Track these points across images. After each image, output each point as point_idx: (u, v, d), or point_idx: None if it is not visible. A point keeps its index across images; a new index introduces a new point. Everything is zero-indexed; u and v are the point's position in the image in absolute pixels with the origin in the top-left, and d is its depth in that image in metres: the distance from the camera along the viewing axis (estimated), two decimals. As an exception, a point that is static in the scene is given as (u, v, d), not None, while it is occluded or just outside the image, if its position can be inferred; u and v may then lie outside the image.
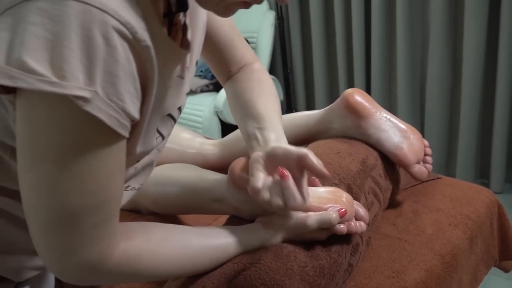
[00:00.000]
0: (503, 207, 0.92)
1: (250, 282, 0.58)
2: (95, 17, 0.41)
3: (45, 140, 0.43)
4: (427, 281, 0.69)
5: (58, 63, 0.40)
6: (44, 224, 0.46)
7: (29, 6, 0.40)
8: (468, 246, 0.80)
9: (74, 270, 0.49)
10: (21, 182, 0.46)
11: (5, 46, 0.40)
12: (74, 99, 0.40)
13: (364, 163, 0.82)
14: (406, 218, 0.84)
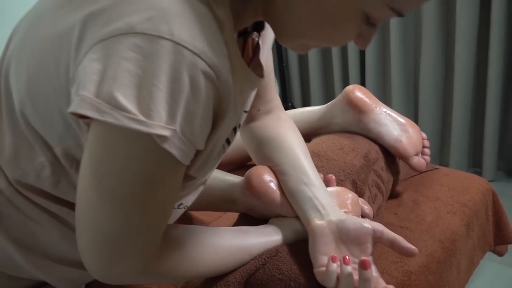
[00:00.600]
0: (497, 195, 0.96)
1: (269, 273, 0.62)
2: (186, 58, 0.41)
3: (118, 166, 0.44)
4: (428, 265, 0.73)
5: (146, 101, 0.40)
6: (99, 237, 0.47)
7: (124, 41, 0.40)
8: (465, 232, 0.83)
9: (116, 277, 0.51)
10: (81, 197, 0.47)
11: (97, 78, 0.40)
12: (155, 137, 0.41)
13: (367, 157, 0.86)
14: (406, 207, 0.88)
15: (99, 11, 0.42)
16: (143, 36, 0.40)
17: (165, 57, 0.40)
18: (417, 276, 0.71)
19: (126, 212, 0.46)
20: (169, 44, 0.40)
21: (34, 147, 0.51)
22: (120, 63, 0.40)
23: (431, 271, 0.73)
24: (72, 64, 0.43)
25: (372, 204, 0.80)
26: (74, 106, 0.41)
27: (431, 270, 0.73)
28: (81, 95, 0.41)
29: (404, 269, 0.71)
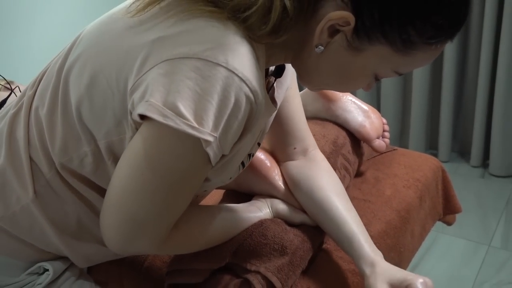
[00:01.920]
0: (446, 172, 1.10)
1: (256, 240, 0.72)
2: (235, 83, 0.50)
3: (164, 161, 0.52)
4: (387, 231, 0.86)
5: (200, 112, 0.49)
6: (127, 217, 0.54)
7: (187, 62, 0.49)
8: (418, 203, 0.96)
9: (132, 250, 0.59)
10: (118, 182, 0.54)
11: (163, 89, 0.49)
12: (202, 141, 0.50)
13: (335, 143, 0.96)
14: (369, 184, 1.00)
15: (168, 37, 0.51)
16: (204, 62, 0.49)
17: (219, 80, 0.49)
18: (377, 240, 0.83)
19: (157, 200, 0.54)
20: (224, 70, 0.49)
21: (82, 138, 0.59)
22: (183, 80, 0.48)
23: (389, 235, 0.86)
24: (135, 76, 0.52)
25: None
26: (143, 109, 0.49)
27: (389, 235, 0.86)
28: (150, 101, 0.49)
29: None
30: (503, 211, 1.92)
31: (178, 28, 0.51)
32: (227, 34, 0.51)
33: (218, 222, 0.71)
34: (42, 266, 0.67)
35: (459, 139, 2.35)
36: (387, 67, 0.58)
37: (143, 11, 0.54)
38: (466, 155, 2.35)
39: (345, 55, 0.57)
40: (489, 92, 2.08)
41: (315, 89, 0.69)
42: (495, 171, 2.15)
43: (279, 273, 0.68)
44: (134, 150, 0.53)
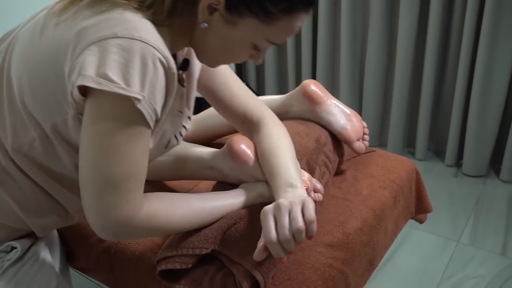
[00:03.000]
0: (420, 174, 1.17)
1: (240, 231, 0.77)
2: (150, 51, 0.61)
3: (106, 124, 0.61)
4: (362, 228, 0.92)
5: (127, 76, 0.60)
6: (94, 188, 0.63)
7: (110, 41, 0.60)
8: (392, 203, 1.03)
9: (111, 225, 0.66)
10: (84, 152, 0.64)
11: (94, 64, 0.59)
12: (132, 99, 0.60)
13: (318, 141, 1.01)
14: (348, 183, 1.06)
15: (89, 27, 0.62)
16: (123, 39, 0.60)
17: (137, 50, 0.60)
18: (354, 237, 0.90)
19: (112, 163, 0.63)
20: (139, 43, 0.60)
21: (28, 125, 0.68)
22: (109, 55, 0.59)
23: (364, 232, 0.92)
24: (69, 61, 0.62)
25: (321, 179, 0.97)
26: (80, 81, 0.59)
27: (364, 232, 0.92)
28: (84, 75, 0.59)
29: (344, 231, 0.90)
30: (473, 209, 2.02)
31: (97, 19, 0.63)
32: (138, 19, 0.63)
33: (194, 201, 0.78)
34: (10, 245, 0.76)
35: (435, 139, 2.44)
36: (260, 37, 0.70)
37: (64, 11, 0.65)
38: (441, 155, 2.44)
39: (224, 29, 0.69)
40: (465, 96, 2.16)
41: (212, 64, 0.78)
42: (468, 171, 2.25)
43: (261, 267, 0.73)
44: (84, 131, 0.63)
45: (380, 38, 2.31)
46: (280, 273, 0.79)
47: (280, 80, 2.90)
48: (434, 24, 2.10)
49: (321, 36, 2.46)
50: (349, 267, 0.85)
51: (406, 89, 2.31)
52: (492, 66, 2.02)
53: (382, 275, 1.67)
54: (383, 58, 2.37)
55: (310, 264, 0.81)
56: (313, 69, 2.63)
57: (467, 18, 2.00)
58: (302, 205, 0.69)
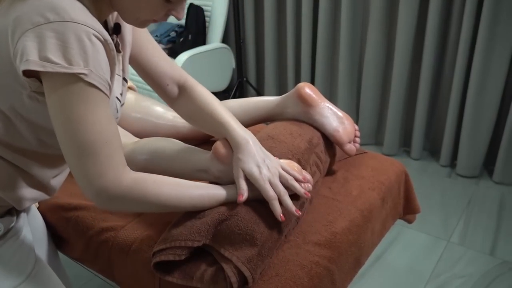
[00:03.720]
0: (409, 175, 1.21)
1: (231, 228, 0.80)
2: (83, 29, 0.66)
3: (63, 101, 0.67)
4: (350, 228, 0.96)
5: (67, 56, 0.64)
6: (75, 157, 0.69)
7: (45, 27, 0.64)
8: (380, 204, 1.07)
9: (101, 192, 0.70)
10: (56, 131, 0.69)
11: (35, 50, 0.64)
12: (79, 75, 0.65)
13: (310, 142, 1.04)
14: (338, 183, 1.09)
15: (22, 14, 0.66)
16: (56, 23, 0.64)
17: (71, 31, 0.65)
18: (341, 236, 0.93)
19: (82, 132, 0.68)
20: (71, 24, 0.65)
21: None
22: (46, 39, 0.64)
23: (352, 232, 0.96)
24: (11, 47, 0.66)
25: (312, 178, 1.00)
26: (25, 66, 0.64)
27: (351, 232, 0.96)
28: (28, 60, 0.64)
29: (332, 231, 0.94)
30: (465, 209, 2.06)
31: (29, 6, 0.66)
32: (64, 1, 0.67)
33: (181, 182, 0.81)
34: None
35: (431, 139, 2.48)
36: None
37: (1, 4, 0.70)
38: (436, 155, 2.48)
39: None
40: (461, 98, 2.20)
41: (136, 23, 0.79)
42: (462, 172, 2.29)
43: (249, 263, 0.77)
44: (48, 102, 0.68)
45: (378, 39, 2.34)
46: (268, 270, 0.83)
47: (279, 79, 2.93)
48: (432, 26, 2.13)
49: (321, 36, 2.49)
50: (335, 265, 0.88)
51: (403, 90, 2.34)
52: (487, 69, 2.05)
53: (372, 272, 1.71)
54: (381, 58, 2.40)
55: (297, 262, 0.85)
56: (312, 68, 2.67)
57: (465, 22, 2.03)
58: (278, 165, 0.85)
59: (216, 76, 2.82)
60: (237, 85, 2.87)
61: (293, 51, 2.71)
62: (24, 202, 0.86)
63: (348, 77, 2.51)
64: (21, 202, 0.86)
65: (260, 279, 0.81)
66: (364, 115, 2.54)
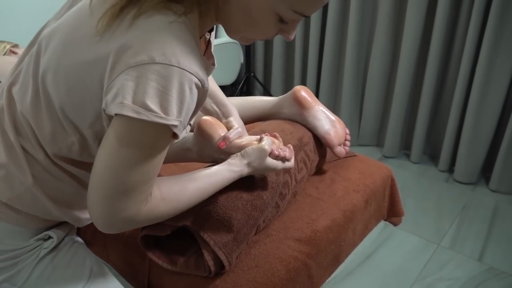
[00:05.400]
0: (395, 180, 1.25)
1: (210, 215, 0.85)
2: (187, 77, 0.62)
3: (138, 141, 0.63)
4: (331, 227, 1.01)
5: (165, 105, 0.61)
6: (108, 191, 0.64)
7: (148, 67, 0.60)
8: (363, 206, 1.12)
9: (116, 224, 0.68)
10: (99, 159, 0.65)
11: (132, 91, 0.60)
12: (170, 126, 0.63)
13: (301, 140, 1.09)
14: (325, 184, 1.14)
15: (128, 45, 0.62)
16: (161, 65, 0.60)
17: (175, 77, 0.61)
18: (321, 234, 0.99)
19: (137, 173, 0.65)
20: (177, 69, 0.61)
21: (67, 131, 0.71)
22: (147, 82, 0.60)
23: (332, 231, 1.01)
24: (107, 80, 0.63)
25: (297, 174, 1.05)
26: (118, 109, 0.61)
27: (332, 230, 1.01)
28: (123, 103, 0.60)
29: (313, 228, 0.99)
30: (458, 215, 2.10)
31: (130, 32, 0.62)
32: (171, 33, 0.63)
33: (187, 184, 0.78)
34: (48, 234, 0.81)
35: (431, 143, 2.52)
36: (283, 6, 0.66)
37: (108, 27, 0.64)
38: (435, 159, 2.51)
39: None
40: (463, 105, 2.22)
41: (241, 39, 0.76)
42: (459, 178, 2.32)
43: (225, 248, 0.83)
44: (111, 138, 0.64)
45: (385, 43, 2.37)
46: (249, 261, 0.90)
47: (286, 76, 2.96)
48: (438, 33, 2.16)
49: (328, 36, 2.52)
50: (313, 261, 0.94)
51: (407, 93, 2.37)
52: (490, 78, 2.07)
53: (360, 270, 1.77)
54: (387, 61, 2.43)
55: (277, 255, 0.91)
56: (319, 67, 2.70)
57: (470, 31, 2.06)
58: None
59: (224, 69, 2.87)
60: (244, 80, 2.92)
61: (300, 49, 2.75)
62: (82, 221, 0.86)
63: (353, 77, 2.54)
64: (80, 221, 0.85)
65: (240, 269, 0.88)
66: (367, 116, 2.58)
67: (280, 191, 0.98)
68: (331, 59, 2.57)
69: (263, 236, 0.97)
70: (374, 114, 2.56)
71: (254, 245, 0.94)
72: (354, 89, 2.57)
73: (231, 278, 0.86)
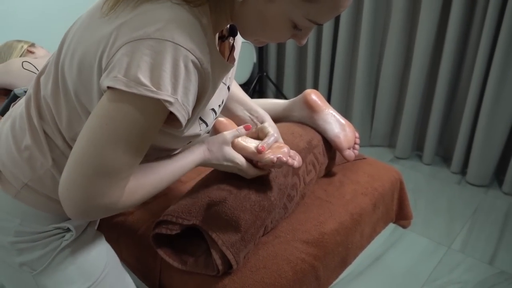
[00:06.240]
0: (404, 183, 1.26)
1: (219, 215, 0.87)
2: (181, 53, 0.61)
3: (132, 121, 0.62)
4: (338, 229, 1.02)
5: (157, 79, 0.60)
6: (88, 170, 0.63)
7: (143, 42, 0.61)
8: (371, 209, 1.13)
9: (93, 210, 0.66)
10: (83, 135, 0.63)
11: (125, 65, 0.60)
12: (164, 102, 0.61)
13: (310, 143, 1.11)
14: (334, 186, 1.16)
15: (125, 22, 0.63)
16: (155, 40, 0.60)
17: (169, 53, 0.60)
18: (329, 236, 1.00)
19: (122, 153, 0.63)
20: (171, 44, 0.61)
21: (81, 116, 0.73)
22: (141, 56, 0.60)
23: (340, 233, 1.02)
24: (107, 57, 0.64)
25: (306, 176, 1.06)
26: (110, 82, 0.61)
27: (339, 233, 1.02)
28: (116, 76, 0.60)
29: (320, 231, 1.01)
30: (470, 217, 2.09)
31: (133, 13, 0.64)
32: (173, 12, 0.63)
33: (160, 170, 0.78)
34: (68, 226, 0.84)
35: (444, 145, 2.51)
36: (299, 14, 0.67)
37: (113, 9, 0.66)
38: (448, 161, 2.50)
39: (261, 3, 0.67)
40: (476, 107, 2.21)
41: (255, 41, 0.76)
42: (471, 180, 2.31)
43: (232, 248, 0.86)
44: (99, 112, 0.64)
45: (398, 43, 2.37)
46: (257, 262, 0.92)
47: (299, 76, 2.97)
48: (452, 33, 2.15)
49: (341, 37, 2.53)
50: (321, 263, 0.96)
51: (419, 94, 2.37)
52: (504, 80, 2.06)
53: (370, 271, 1.78)
54: (400, 62, 2.43)
55: (285, 257, 0.93)
56: (331, 67, 2.70)
57: (485, 31, 2.04)
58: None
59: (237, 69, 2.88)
60: (257, 79, 2.94)
61: (313, 48, 2.75)
62: None
63: (366, 78, 2.54)
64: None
65: (249, 270, 0.90)
66: (379, 116, 2.58)
67: (288, 192, 1.00)
68: (343, 58, 2.58)
69: (271, 237, 0.99)
70: (387, 115, 2.56)
71: (263, 246, 0.96)
72: (366, 89, 2.57)
73: (239, 278, 0.88)
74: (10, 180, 0.80)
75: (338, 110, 2.67)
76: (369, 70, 2.52)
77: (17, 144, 0.80)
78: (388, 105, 2.53)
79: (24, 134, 0.79)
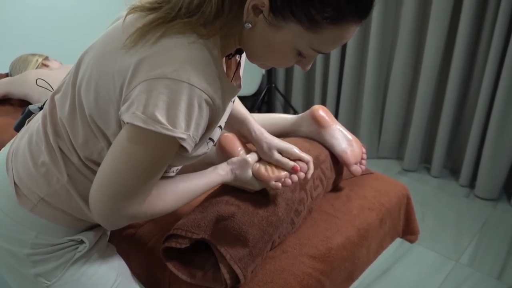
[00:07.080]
0: (411, 199, 1.27)
1: (227, 229, 0.89)
2: (196, 93, 0.67)
3: (149, 153, 0.69)
4: (345, 244, 1.04)
5: (173, 118, 0.66)
6: (113, 192, 0.71)
7: (160, 81, 0.65)
8: (378, 224, 1.14)
9: (119, 220, 0.74)
10: (106, 164, 0.71)
11: (144, 102, 0.66)
12: (177, 139, 0.68)
13: (317, 158, 1.13)
14: (341, 201, 1.17)
15: (145, 58, 0.67)
16: (172, 80, 0.65)
17: (185, 93, 0.66)
18: (335, 251, 1.02)
19: (141, 178, 0.71)
20: (187, 85, 0.66)
21: (97, 137, 0.77)
22: (158, 95, 0.65)
23: (346, 249, 1.04)
24: (126, 90, 0.69)
25: (314, 191, 1.08)
26: (130, 118, 0.66)
27: (346, 248, 1.04)
28: (135, 113, 0.66)
29: (327, 246, 1.02)
30: (478, 231, 2.09)
31: (152, 49, 0.68)
32: (188, 52, 0.68)
33: (179, 187, 0.84)
34: (81, 238, 0.87)
35: (452, 157, 2.50)
36: (303, 43, 0.70)
37: (135, 43, 0.70)
38: (456, 174, 2.50)
39: (268, 31, 0.70)
40: (485, 120, 2.21)
41: (260, 65, 0.80)
42: (480, 193, 2.31)
43: (240, 262, 0.87)
44: (121, 143, 0.70)
45: (406, 54, 2.38)
46: (264, 276, 0.93)
47: (307, 89, 2.99)
48: (460, 46, 2.16)
49: (350, 48, 2.54)
50: (327, 278, 0.97)
51: (428, 106, 2.38)
52: (512, 95, 2.06)
53: (377, 285, 1.78)
54: (408, 74, 2.44)
55: (292, 271, 0.95)
56: (340, 79, 2.72)
57: (493, 43, 2.05)
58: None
59: (245, 80, 2.90)
60: (265, 91, 2.97)
61: (321, 62, 2.78)
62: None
63: (374, 89, 2.55)
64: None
65: (256, 284, 0.91)
66: (387, 128, 2.59)
67: (295, 207, 1.02)
68: (352, 70, 2.59)
69: (278, 252, 1.00)
70: (395, 127, 2.57)
71: (270, 260, 0.98)
72: (374, 101, 2.58)
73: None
74: (26, 194, 0.83)
75: (346, 121, 2.69)
76: (378, 82, 2.54)
77: (34, 160, 0.83)
78: (396, 117, 2.54)
79: (40, 150, 0.82)
